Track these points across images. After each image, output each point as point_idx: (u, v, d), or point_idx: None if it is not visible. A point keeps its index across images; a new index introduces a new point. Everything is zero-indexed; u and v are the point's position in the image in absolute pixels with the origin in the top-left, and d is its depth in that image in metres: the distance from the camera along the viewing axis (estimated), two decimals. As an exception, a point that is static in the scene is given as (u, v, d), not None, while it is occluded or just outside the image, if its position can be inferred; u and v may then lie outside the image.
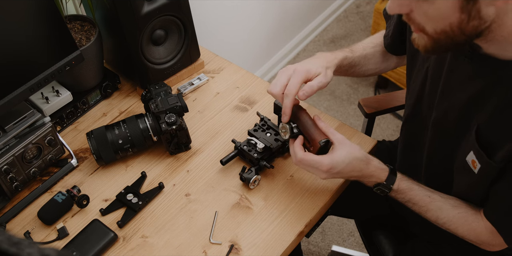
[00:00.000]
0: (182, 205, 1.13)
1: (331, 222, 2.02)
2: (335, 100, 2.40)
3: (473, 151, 0.92)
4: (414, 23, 0.82)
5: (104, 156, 1.14)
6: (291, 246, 1.07)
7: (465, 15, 0.75)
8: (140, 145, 1.16)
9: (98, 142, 1.13)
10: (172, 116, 1.12)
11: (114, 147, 1.14)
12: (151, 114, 1.16)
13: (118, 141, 1.13)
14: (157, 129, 1.15)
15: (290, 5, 2.34)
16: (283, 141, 1.15)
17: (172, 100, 1.14)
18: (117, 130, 1.14)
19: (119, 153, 1.15)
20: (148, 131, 1.15)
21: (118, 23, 1.18)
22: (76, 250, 1.04)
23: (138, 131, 1.14)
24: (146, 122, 1.15)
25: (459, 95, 0.93)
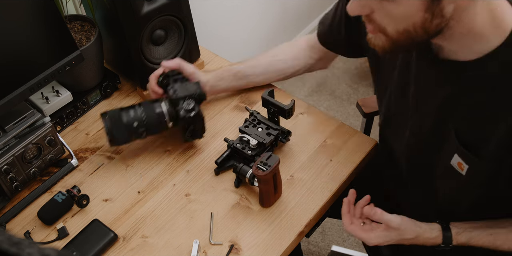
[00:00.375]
0: (182, 205, 1.13)
1: (331, 222, 2.02)
2: (335, 100, 2.40)
3: (458, 154, 0.91)
4: (374, 24, 0.80)
5: (118, 136, 1.11)
6: (291, 246, 1.07)
7: (428, 14, 0.74)
8: (154, 129, 1.13)
9: (112, 123, 1.10)
10: (191, 103, 1.10)
11: (128, 129, 1.10)
12: (168, 100, 1.13)
13: (133, 123, 1.10)
14: (173, 115, 1.12)
15: (290, 5, 2.34)
16: (275, 135, 1.15)
17: (192, 87, 1.13)
18: (133, 113, 1.11)
19: (133, 135, 1.12)
20: (164, 117, 1.12)
21: (118, 23, 1.18)
22: (76, 250, 1.04)
23: (154, 116, 1.11)
24: (162, 107, 1.12)
25: (430, 101, 0.93)
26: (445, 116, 0.91)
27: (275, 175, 1.05)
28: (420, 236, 1.00)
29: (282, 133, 1.18)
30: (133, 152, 1.23)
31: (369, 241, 1.02)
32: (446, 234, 0.99)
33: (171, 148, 1.23)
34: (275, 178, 1.06)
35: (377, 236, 1.01)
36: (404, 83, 0.98)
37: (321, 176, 1.15)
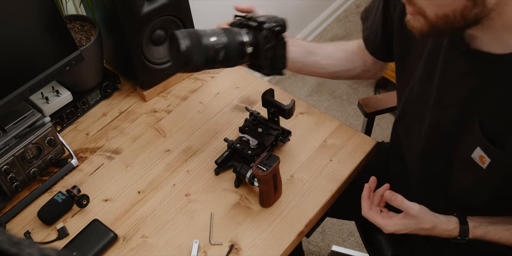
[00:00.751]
0: (182, 205, 1.13)
1: (331, 222, 2.02)
2: (335, 100, 2.40)
3: (480, 147, 0.91)
4: (414, 6, 0.80)
5: (195, 59, 0.95)
6: (291, 246, 1.07)
7: (471, 2, 0.74)
8: (231, 60, 1.00)
9: (192, 41, 0.94)
10: (273, 23, 0.99)
11: (206, 52, 0.96)
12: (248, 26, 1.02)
13: (214, 46, 0.96)
14: (252, 43, 1.00)
15: (290, 5, 2.34)
16: (275, 135, 1.15)
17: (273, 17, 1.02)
18: (212, 33, 0.97)
19: (208, 63, 0.97)
20: (243, 44, 0.99)
21: (118, 23, 1.18)
22: (76, 250, 1.04)
23: (236, 43, 0.99)
24: (243, 35, 1.00)
25: (456, 93, 0.93)
26: (470, 107, 0.91)
27: (275, 175, 1.05)
28: (437, 227, 1.00)
29: (282, 133, 1.18)
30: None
31: (386, 228, 1.01)
32: (463, 227, 1.00)
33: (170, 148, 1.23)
34: (275, 178, 1.06)
35: (394, 224, 1.01)
36: (429, 72, 0.97)
37: (321, 176, 1.15)
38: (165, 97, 1.34)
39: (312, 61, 1.19)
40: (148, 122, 1.29)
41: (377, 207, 1.06)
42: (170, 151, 1.23)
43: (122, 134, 1.27)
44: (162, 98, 1.34)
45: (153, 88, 1.33)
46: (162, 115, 1.30)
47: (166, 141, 1.25)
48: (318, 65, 1.21)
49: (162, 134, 1.26)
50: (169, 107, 1.32)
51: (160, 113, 1.31)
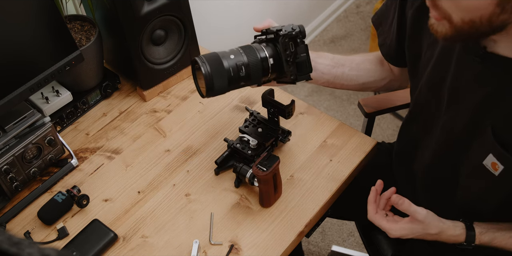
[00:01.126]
0: (182, 205, 1.13)
1: (331, 222, 2.02)
2: (335, 100, 2.40)
3: (493, 154, 0.89)
4: (440, 10, 0.78)
5: (217, 85, 0.94)
6: (291, 246, 1.07)
7: (499, 8, 0.72)
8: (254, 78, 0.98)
9: (213, 68, 0.93)
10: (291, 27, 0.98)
11: (229, 75, 0.95)
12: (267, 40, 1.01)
13: (235, 68, 0.95)
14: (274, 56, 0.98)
15: (290, 5, 2.34)
16: (275, 135, 1.15)
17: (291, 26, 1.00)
18: (234, 56, 0.95)
19: (232, 84, 0.96)
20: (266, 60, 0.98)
21: (118, 23, 1.18)
22: (76, 250, 1.04)
23: (258, 60, 0.97)
24: (265, 50, 0.98)
25: (468, 97, 0.91)
26: (484, 112, 0.89)
27: (275, 175, 1.05)
28: (443, 232, 1.00)
29: (282, 133, 1.18)
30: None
31: (391, 233, 1.01)
32: (470, 232, 0.99)
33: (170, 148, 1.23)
34: (275, 178, 1.06)
35: (401, 228, 1.00)
36: (441, 76, 0.96)
37: (321, 176, 1.15)
38: (165, 97, 1.34)
39: (341, 73, 1.16)
40: (148, 122, 1.29)
41: (382, 210, 1.05)
42: (170, 151, 1.23)
43: (122, 134, 1.27)
44: (162, 98, 1.34)
45: (153, 88, 1.33)
46: (162, 115, 1.30)
47: (166, 141, 1.25)
48: (347, 77, 1.17)
49: (162, 134, 1.26)
50: (169, 107, 1.32)
51: (160, 113, 1.31)
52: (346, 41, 2.62)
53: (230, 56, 0.96)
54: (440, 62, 0.96)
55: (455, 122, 0.97)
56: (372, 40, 2.37)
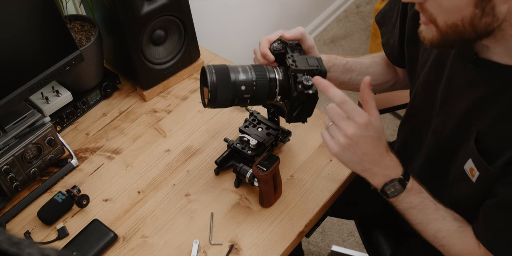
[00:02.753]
0: (182, 205, 1.13)
1: (331, 222, 2.02)
2: (335, 100, 2.40)
3: (472, 159, 0.89)
4: (426, 14, 0.80)
5: (220, 96, 0.94)
6: (291, 246, 1.07)
7: (479, 10, 0.73)
8: (260, 99, 0.97)
9: (219, 79, 0.93)
10: (310, 79, 0.93)
11: (234, 90, 0.94)
12: (283, 69, 0.97)
13: (241, 86, 0.94)
14: (284, 87, 0.96)
15: (290, 5, 2.34)
16: (275, 135, 1.15)
17: (313, 62, 0.96)
18: (243, 73, 0.95)
19: (235, 100, 0.95)
20: (276, 83, 0.95)
21: (118, 23, 1.18)
22: (76, 250, 1.04)
23: (266, 81, 0.95)
24: (275, 73, 0.96)
25: (459, 102, 0.91)
26: (472, 118, 0.89)
27: (275, 175, 1.05)
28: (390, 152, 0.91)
29: (282, 133, 1.18)
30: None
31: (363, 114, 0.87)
32: (406, 171, 0.92)
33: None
34: (275, 178, 1.06)
35: None
36: (434, 78, 0.96)
37: (321, 176, 1.15)
38: (165, 97, 1.34)
39: (348, 78, 1.15)
40: (148, 122, 1.29)
41: None
42: (170, 151, 1.23)
43: (122, 134, 1.27)
44: (162, 98, 1.34)
45: (153, 88, 1.33)
46: (162, 115, 1.30)
47: (166, 141, 1.25)
48: (354, 82, 1.16)
49: (162, 134, 1.26)
50: (169, 107, 1.32)
51: (160, 113, 1.31)
52: (346, 41, 2.62)
53: (239, 70, 0.95)
54: (435, 65, 0.96)
55: (445, 126, 0.97)
56: (372, 40, 2.37)
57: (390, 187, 0.91)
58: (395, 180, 0.90)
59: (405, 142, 1.18)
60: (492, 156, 0.86)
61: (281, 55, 0.99)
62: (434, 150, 1.03)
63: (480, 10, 0.73)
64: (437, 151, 1.02)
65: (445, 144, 0.98)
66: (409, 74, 1.10)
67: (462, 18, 0.75)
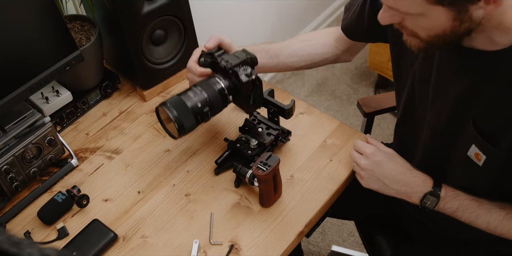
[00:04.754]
0: (182, 205, 1.13)
1: (331, 222, 2.02)
2: (335, 100, 2.40)
3: (475, 144, 0.91)
4: (407, 30, 0.85)
5: (186, 124, 1.01)
6: (291, 246, 1.07)
7: (457, 22, 0.77)
8: (218, 107, 1.06)
9: (178, 110, 1.00)
10: (247, 68, 1.04)
11: (195, 112, 1.02)
12: (222, 74, 1.07)
13: (197, 105, 1.02)
14: (231, 88, 1.06)
15: (290, 5, 2.34)
16: (275, 135, 1.15)
17: (240, 54, 1.07)
18: (193, 94, 1.03)
19: (199, 119, 1.04)
20: (224, 91, 1.05)
21: (118, 23, 1.18)
22: (76, 250, 1.04)
23: (216, 92, 1.04)
24: (219, 82, 1.05)
25: (450, 91, 0.94)
26: (465, 105, 0.92)
27: (275, 175, 1.05)
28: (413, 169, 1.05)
29: (282, 133, 1.18)
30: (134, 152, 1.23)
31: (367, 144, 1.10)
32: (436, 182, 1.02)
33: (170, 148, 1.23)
34: (275, 178, 1.06)
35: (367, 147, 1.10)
36: (426, 72, 0.98)
37: (321, 176, 1.15)
38: (165, 97, 1.34)
39: (276, 63, 1.22)
40: (148, 122, 1.29)
41: None
42: (170, 151, 1.23)
43: (122, 134, 1.27)
44: (162, 98, 1.34)
45: (153, 88, 1.33)
46: (162, 115, 1.30)
47: (166, 141, 1.25)
48: (283, 65, 1.24)
49: (162, 134, 1.26)
50: (169, 107, 1.32)
51: (160, 113, 1.31)
52: (346, 41, 2.62)
53: (191, 96, 1.03)
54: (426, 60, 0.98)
55: (439, 118, 0.99)
56: (372, 40, 2.37)
57: (426, 201, 1.01)
58: (427, 194, 1.00)
59: (402, 141, 1.18)
60: (495, 139, 0.88)
61: (213, 64, 1.08)
62: (432, 145, 1.04)
63: (458, 21, 0.77)
64: (435, 146, 1.04)
65: (442, 133, 1.00)
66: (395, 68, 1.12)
67: (443, 30, 0.80)
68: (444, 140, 1.00)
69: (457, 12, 0.76)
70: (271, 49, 1.21)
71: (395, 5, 0.80)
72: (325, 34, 1.26)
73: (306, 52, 1.24)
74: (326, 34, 1.26)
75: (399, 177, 1.03)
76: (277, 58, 1.22)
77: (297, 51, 1.23)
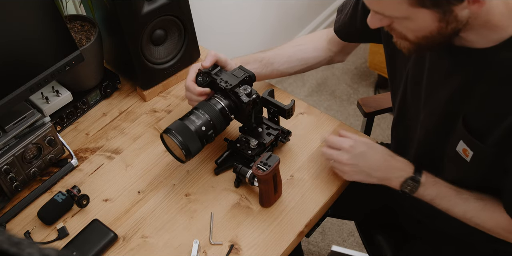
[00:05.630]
0: (182, 205, 1.13)
1: (331, 222, 2.02)
2: (335, 100, 2.40)
3: (463, 140, 0.93)
4: (396, 32, 0.86)
5: (192, 148, 1.04)
6: (291, 246, 1.07)
7: (443, 23, 0.79)
8: (221, 127, 1.09)
9: (183, 136, 1.02)
10: (247, 88, 1.07)
11: (199, 136, 1.04)
12: (221, 93, 1.09)
13: (201, 128, 1.04)
14: (232, 107, 1.08)
15: (290, 5, 2.34)
16: (275, 135, 1.15)
17: (239, 73, 1.10)
18: (196, 118, 1.05)
19: (204, 142, 1.06)
20: (225, 110, 1.08)
21: (118, 23, 1.18)
22: (76, 250, 1.04)
23: (217, 113, 1.07)
24: (220, 102, 1.08)
25: (441, 92, 0.94)
26: (456, 105, 0.93)
27: (275, 175, 1.05)
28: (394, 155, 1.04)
29: (282, 133, 1.18)
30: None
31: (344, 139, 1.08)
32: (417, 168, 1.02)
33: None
34: (275, 178, 1.06)
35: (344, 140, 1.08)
36: (418, 73, 0.99)
37: (321, 176, 1.15)
38: (165, 97, 1.34)
39: (270, 70, 1.23)
40: (148, 122, 1.29)
41: None
42: (170, 151, 1.23)
43: (122, 134, 1.27)
44: (162, 98, 1.34)
45: (153, 88, 1.33)
46: (162, 115, 1.30)
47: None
48: (278, 72, 1.26)
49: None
50: (169, 107, 1.32)
51: (160, 113, 1.31)
52: (346, 41, 2.62)
53: (193, 119, 1.05)
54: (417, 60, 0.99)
55: (431, 118, 1.00)
56: (372, 40, 2.37)
57: (406, 186, 1.01)
58: (408, 179, 1.01)
59: (398, 141, 1.19)
60: (483, 135, 0.89)
61: (211, 83, 1.11)
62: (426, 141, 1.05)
63: (444, 23, 0.79)
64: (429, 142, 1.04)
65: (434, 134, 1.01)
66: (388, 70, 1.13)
67: (430, 31, 0.81)
68: (436, 139, 1.01)
69: (442, 14, 0.77)
70: (265, 58, 1.23)
71: (380, 10, 0.82)
72: (317, 37, 1.27)
73: (298, 57, 1.25)
74: (318, 37, 1.27)
75: (383, 165, 1.03)
76: (271, 66, 1.23)
77: (290, 57, 1.25)
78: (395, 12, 0.80)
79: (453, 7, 0.76)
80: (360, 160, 1.04)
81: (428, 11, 0.77)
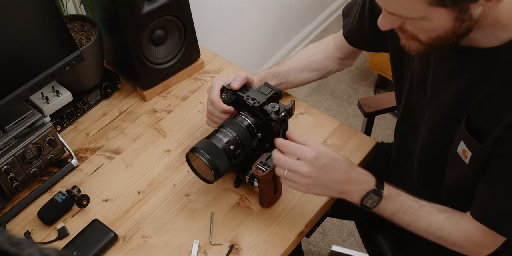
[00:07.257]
0: (182, 205, 1.13)
1: (331, 222, 2.02)
2: (335, 100, 2.40)
3: (463, 140, 0.92)
4: (407, 33, 0.84)
5: (221, 167, 1.00)
6: (291, 246, 1.07)
7: (458, 22, 0.77)
8: (248, 145, 1.05)
9: (212, 155, 0.98)
10: (275, 105, 1.03)
11: (227, 153, 1.00)
12: (247, 111, 1.06)
13: (230, 147, 1.01)
14: (258, 124, 1.05)
15: (290, 5, 2.34)
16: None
17: (266, 90, 1.06)
18: (222, 136, 1.02)
19: (232, 161, 1.02)
20: (252, 128, 1.04)
21: (118, 23, 1.18)
22: (76, 250, 1.04)
23: (244, 130, 1.03)
24: (247, 119, 1.05)
25: (448, 90, 0.94)
26: (462, 104, 0.92)
27: (275, 175, 1.05)
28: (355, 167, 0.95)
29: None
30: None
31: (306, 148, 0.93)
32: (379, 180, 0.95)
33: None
34: (275, 178, 1.06)
35: None
36: (424, 72, 0.99)
37: (321, 176, 1.15)
38: (165, 97, 1.34)
39: (286, 84, 1.23)
40: (148, 122, 1.29)
41: None
42: (170, 151, 1.23)
43: (122, 134, 1.27)
44: (162, 98, 1.34)
45: (153, 88, 1.33)
46: (162, 115, 1.30)
47: (166, 141, 1.25)
48: (292, 85, 1.25)
49: (162, 134, 1.26)
50: (169, 107, 1.32)
51: (160, 113, 1.31)
52: (346, 41, 2.62)
53: (219, 137, 1.02)
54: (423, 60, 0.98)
55: (436, 118, 0.99)
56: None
57: (367, 200, 0.95)
58: (370, 192, 0.94)
59: (402, 141, 1.18)
60: (484, 135, 0.88)
61: (235, 101, 1.08)
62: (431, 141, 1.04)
63: (459, 21, 0.77)
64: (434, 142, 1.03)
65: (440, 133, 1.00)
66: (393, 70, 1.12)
67: (444, 31, 0.79)
68: (440, 139, 1.00)
69: (459, 12, 0.76)
70: (281, 73, 1.22)
71: (396, 11, 0.79)
72: (325, 46, 1.27)
73: (311, 69, 1.25)
74: (326, 45, 1.27)
75: (343, 177, 0.94)
76: (286, 80, 1.23)
77: (303, 70, 1.24)
78: (413, 13, 0.78)
79: (470, 4, 0.74)
80: (321, 173, 0.92)
81: (445, 10, 0.75)
